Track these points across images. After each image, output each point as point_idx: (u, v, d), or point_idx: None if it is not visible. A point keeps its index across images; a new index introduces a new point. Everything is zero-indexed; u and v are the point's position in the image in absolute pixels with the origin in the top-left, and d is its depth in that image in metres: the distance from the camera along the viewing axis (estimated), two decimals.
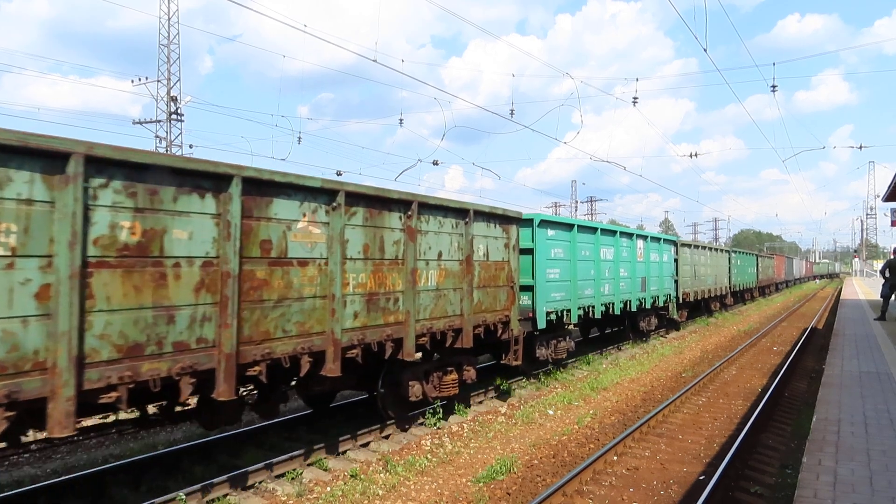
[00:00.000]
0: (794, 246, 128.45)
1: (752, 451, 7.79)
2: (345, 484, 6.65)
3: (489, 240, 9.14)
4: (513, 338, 9.73)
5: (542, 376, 12.40)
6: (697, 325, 23.38)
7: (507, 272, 9.57)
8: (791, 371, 13.16)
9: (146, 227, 4.77)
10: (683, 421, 9.43)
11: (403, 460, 7.43)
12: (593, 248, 13.43)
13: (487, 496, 6.35)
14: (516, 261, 9.82)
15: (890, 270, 17.59)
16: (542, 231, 11.28)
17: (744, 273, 32.20)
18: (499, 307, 9.36)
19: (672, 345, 18.04)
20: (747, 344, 17.72)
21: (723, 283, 27.17)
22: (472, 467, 7.30)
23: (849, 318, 18.93)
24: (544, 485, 6.60)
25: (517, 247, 9.86)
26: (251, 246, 5.56)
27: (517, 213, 9.94)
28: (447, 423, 9.04)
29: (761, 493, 6.48)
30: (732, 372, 13.74)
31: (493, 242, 9.23)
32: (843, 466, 5.30)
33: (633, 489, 6.63)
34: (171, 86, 33.71)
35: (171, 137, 33.60)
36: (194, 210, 5.12)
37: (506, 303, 9.54)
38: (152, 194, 4.82)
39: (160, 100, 33.75)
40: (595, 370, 13.58)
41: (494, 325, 9.23)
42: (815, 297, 45.94)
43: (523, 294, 10.69)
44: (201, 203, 5.17)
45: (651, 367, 14.16)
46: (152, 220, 4.81)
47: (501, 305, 9.44)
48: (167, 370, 4.87)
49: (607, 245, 14.22)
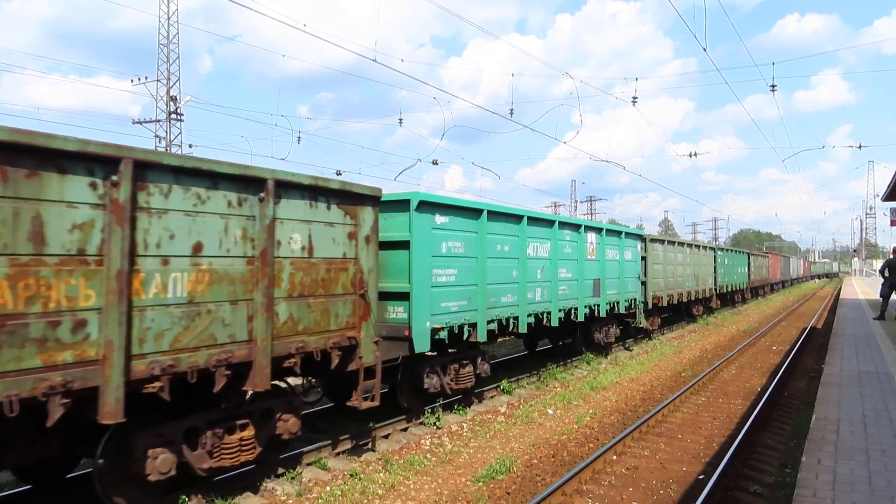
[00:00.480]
0: (794, 245, 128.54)
1: (752, 451, 7.80)
2: (344, 483, 6.66)
3: (316, 227, 6.42)
4: (362, 369, 6.96)
5: (542, 376, 12.40)
6: (697, 325, 23.38)
7: (352, 275, 6.82)
8: (790, 370, 13.17)
9: None
10: (683, 420, 9.43)
11: (403, 460, 7.43)
12: (517, 243, 10.54)
13: (487, 495, 6.35)
14: (372, 258, 7.08)
15: (889, 270, 17.59)
16: (424, 217, 8.27)
17: (732, 273, 29.69)
18: (334, 326, 6.58)
19: (671, 344, 18.05)
20: (746, 343, 17.73)
21: (707, 285, 24.60)
22: (472, 467, 7.30)
23: (848, 317, 18.94)
24: (544, 484, 6.61)
25: (374, 238, 7.13)
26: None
27: (371, 190, 7.07)
28: (447, 423, 9.04)
29: (760, 493, 6.49)
30: (732, 371, 13.75)
31: (323, 231, 6.49)
32: (842, 466, 5.30)
33: (632, 488, 6.63)
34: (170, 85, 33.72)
35: (170, 137, 33.61)
36: None
37: (349, 318, 6.78)
38: None
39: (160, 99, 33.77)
40: (594, 370, 13.58)
41: (325, 351, 6.47)
42: (814, 297, 45.99)
43: (394, 305, 8.18)
44: None
45: (650, 367, 14.17)
46: None
47: (340, 322, 6.67)
48: None
49: (540, 239, 11.33)
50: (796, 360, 14.60)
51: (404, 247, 8.13)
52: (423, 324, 8.20)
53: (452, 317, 8.77)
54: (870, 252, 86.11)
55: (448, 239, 8.75)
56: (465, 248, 9.10)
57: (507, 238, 10.25)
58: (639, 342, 17.88)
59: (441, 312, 8.54)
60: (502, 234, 10.10)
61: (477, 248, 9.37)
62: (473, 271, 9.27)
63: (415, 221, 8.10)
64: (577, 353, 14.48)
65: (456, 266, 8.87)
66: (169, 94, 33.64)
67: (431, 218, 8.42)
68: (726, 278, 28.02)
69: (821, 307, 32.91)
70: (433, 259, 8.41)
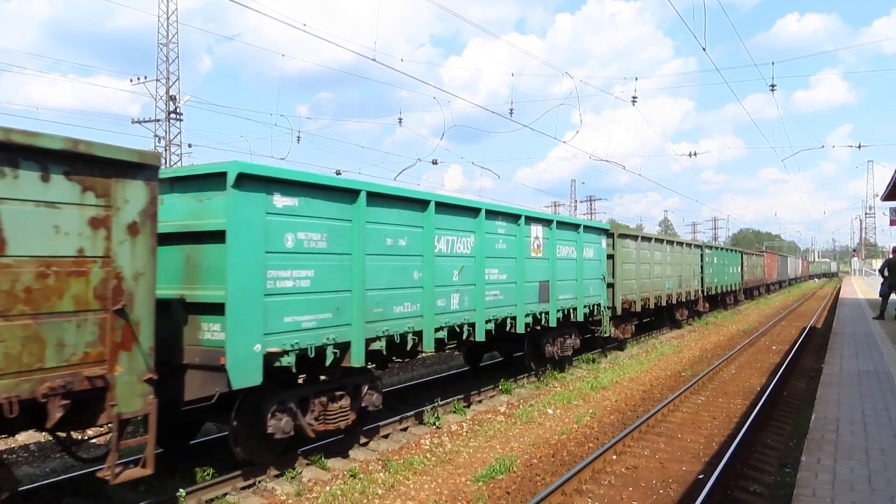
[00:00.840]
0: (794, 245, 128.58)
1: (752, 450, 7.80)
2: (344, 483, 6.66)
3: (12, 207, 4.22)
4: (116, 422, 4.75)
5: (541, 375, 12.37)
6: (696, 325, 23.39)
7: (97, 282, 4.65)
8: (790, 370, 13.18)
9: None
10: (683, 420, 9.43)
11: (403, 459, 7.43)
12: (420, 235, 8.19)
13: (487, 495, 6.35)
14: (143, 257, 4.93)
15: (889, 269, 17.60)
16: (252, 197, 5.97)
17: (723, 273, 27.41)
18: (54, 361, 4.39)
19: (671, 344, 18.06)
20: (746, 343, 17.75)
21: (691, 286, 22.22)
22: (472, 466, 7.30)
23: (848, 317, 18.95)
24: (543, 484, 6.61)
25: (146, 227, 4.95)
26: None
27: (136, 155, 4.91)
28: (446, 423, 9.04)
29: (760, 492, 6.49)
30: (731, 371, 13.75)
31: (29, 215, 4.31)
32: (841, 465, 5.31)
33: (632, 488, 6.63)
34: (170, 85, 33.68)
35: (169, 137, 33.59)
36: None
37: (91, 348, 4.60)
38: None
39: (159, 99, 33.74)
40: (594, 369, 13.58)
41: (40, 399, 4.32)
42: (813, 297, 46.07)
43: (209, 321, 5.86)
44: None
45: (650, 366, 14.17)
46: None
47: (68, 355, 4.48)
48: None
49: (457, 231, 8.91)
50: (796, 360, 14.60)
51: (216, 239, 5.84)
52: (249, 347, 5.85)
53: (306, 335, 6.46)
54: (869, 252, 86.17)
55: (297, 229, 6.43)
56: (328, 243, 6.78)
57: (404, 230, 7.90)
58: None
59: (285, 330, 6.23)
60: (395, 223, 7.76)
61: (350, 241, 7.05)
62: (344, 273, 6.95)
63: (234, 203, 5.79)
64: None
65: (312, 266, 6.57)
66: (168, 93, 33.62)
67: (265, 199, 6.09)
68: (715, 279, 25.76)
69: (820, 307, 32.93)
70: (269, 256, 6.09)
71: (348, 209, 7.06)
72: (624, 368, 13.72)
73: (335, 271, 6.85)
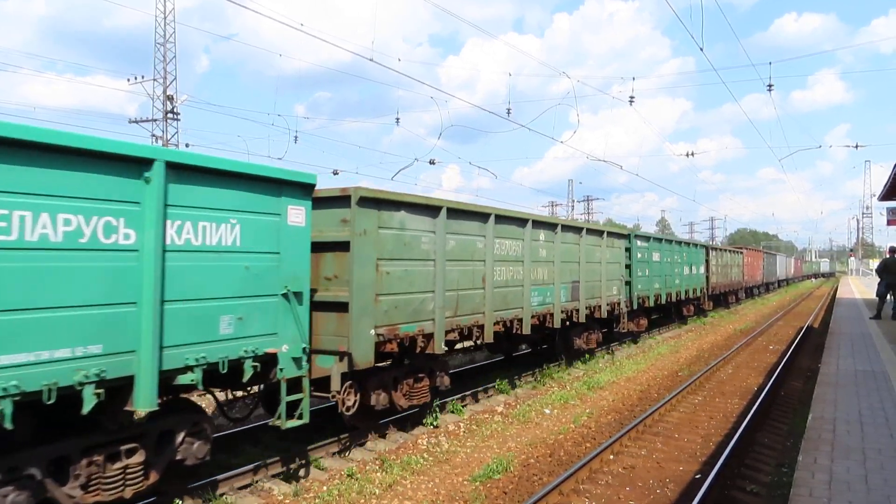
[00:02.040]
0: (791, 245, 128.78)
1: (749, 450, 7.81)
2: (341, 483, 6.65)
3: None
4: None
5: (538, 375, 12.38)
6: (694, 325, 23.41)
7: None
8: (787, 370, 13.21)
9: None
10: (680, 420, 9.44)
11: (400, 459, 7.43)
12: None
13: (484, 495, 6.35)
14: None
15: (886, 269, 17.64)
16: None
17: (671, 275, 19.92)
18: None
19: (668, 344, 18.07)
20: (743, 343, 17.77)
21: (606, 294, 14.16)
22: (469, 466, 7.30)
23: (844, 316, 18.97)
24: (541, 483, 6.61)
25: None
26: None
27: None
28: (444, 422, 9.04)
29: (757, 492, 6.50)
30: (728, 371, 13.77)
31: None
32: (838, 465, 5.31)
33: (629, 488, 6.63)
34: (167, 84, 33.61)
35: (167, 136, 33.52)
36: None
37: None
38: None
39: (156, 98, 33.66)
40: (592, 369, 13.59)
41: None
42: (811, 297, 46.19)
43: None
44: None
45: (647, 366, 14.18)
46: None
47: None
48: None
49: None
50: (793, 360, 14.64)
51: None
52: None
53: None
54: (866, 251, 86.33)
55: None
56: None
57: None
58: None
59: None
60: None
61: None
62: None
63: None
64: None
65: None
66: (166, 93, 33.55)
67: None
68: (656, 283, 18.34)
69: (817, 307, 33.02)
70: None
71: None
72: (621, 368, 13.72)
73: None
